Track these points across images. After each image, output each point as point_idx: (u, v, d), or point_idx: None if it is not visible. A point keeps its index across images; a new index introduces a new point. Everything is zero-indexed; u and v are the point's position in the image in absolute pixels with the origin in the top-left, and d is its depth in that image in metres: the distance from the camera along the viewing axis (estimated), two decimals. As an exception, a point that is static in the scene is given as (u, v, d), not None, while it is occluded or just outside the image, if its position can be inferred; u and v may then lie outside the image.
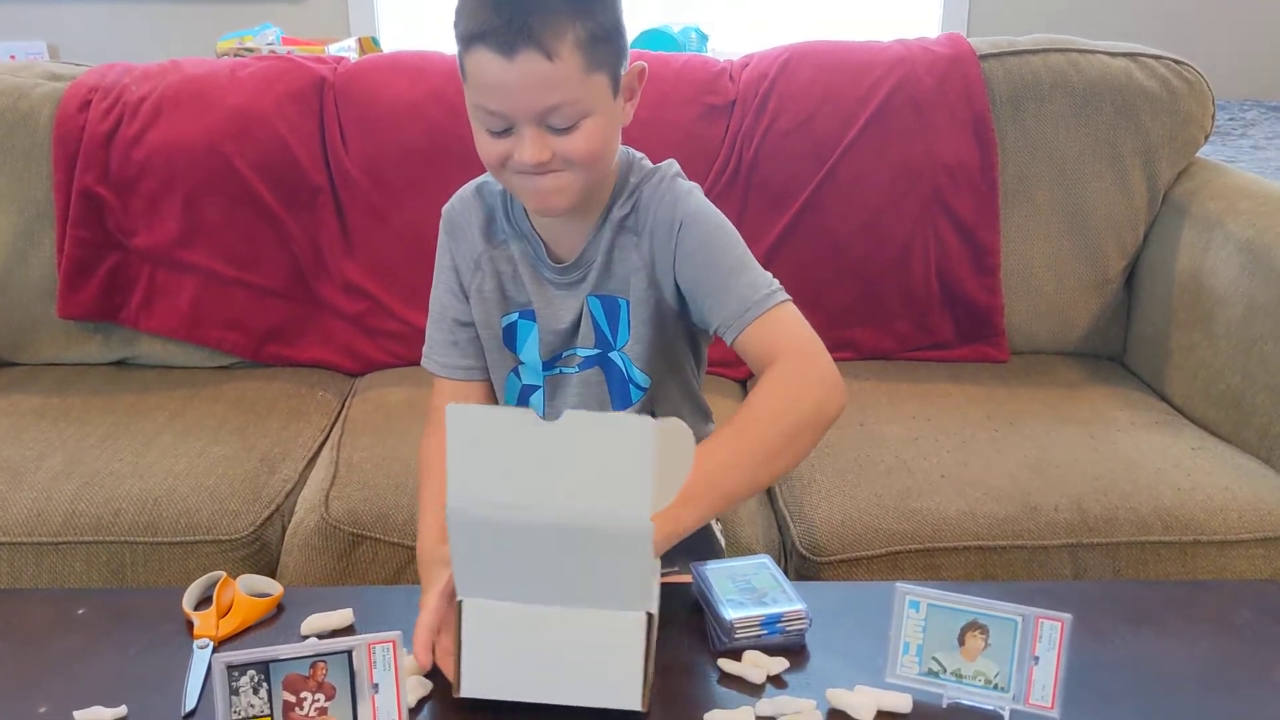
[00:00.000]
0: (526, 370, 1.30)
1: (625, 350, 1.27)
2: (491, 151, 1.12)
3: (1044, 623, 0.99)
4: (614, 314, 1.26)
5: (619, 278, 1.24)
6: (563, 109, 1.08)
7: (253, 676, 0.94)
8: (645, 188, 1.22)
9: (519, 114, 1.09)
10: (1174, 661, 1.11)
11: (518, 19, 1.04)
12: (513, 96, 1.08)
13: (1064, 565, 1.45)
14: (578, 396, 1.30)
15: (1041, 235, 1.94)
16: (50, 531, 1.46)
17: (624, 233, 1.22)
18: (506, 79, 1.06)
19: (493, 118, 1.10)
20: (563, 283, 1.26)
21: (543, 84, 1.07)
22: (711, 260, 1.19)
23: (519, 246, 1.26)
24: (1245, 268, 1.66)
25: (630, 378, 1.29)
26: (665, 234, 1.20)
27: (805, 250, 1.92)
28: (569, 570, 0.94)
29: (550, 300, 1.26)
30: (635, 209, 1.22)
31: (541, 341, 1.27)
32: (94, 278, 1.89)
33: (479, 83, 1.09)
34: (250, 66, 1.98)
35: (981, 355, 1.94)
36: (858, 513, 1.47)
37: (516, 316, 1.28)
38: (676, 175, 1.24)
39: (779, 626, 1.09)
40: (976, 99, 1.91)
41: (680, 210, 1.19)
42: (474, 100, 1.11)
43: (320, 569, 1.46)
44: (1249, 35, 4.07)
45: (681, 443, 0.96)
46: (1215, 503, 1.48)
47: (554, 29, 1.05)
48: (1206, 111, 1.94)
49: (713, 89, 1.96)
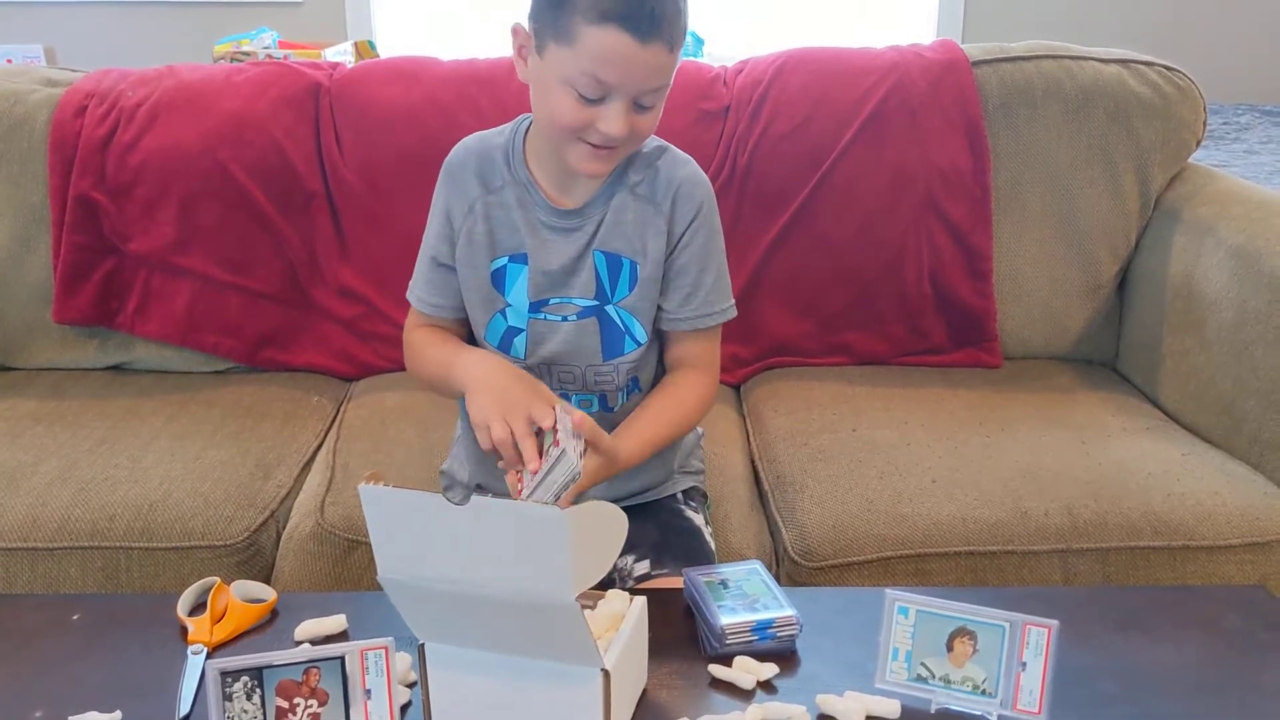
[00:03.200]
0: (513, 312, 1.35)
1: (622, 305, 1.34)
2: (576, 116, 1.20)
3: (1031, 629, 1.00)
4: (616, 270, 1.34)
5: (628, 238, 1.33)
6: (659, 91, 1.22)
7: (246, 682, 0.95)
8: (662, 163, 1.33)
9: (625, 89, 1.18)
10: (1162, 666, 1.12)
11: (657, 10, 1.15)
12: (630, 75, 1.17)
13: (1054, 570, 1.46)
14: (566, 342, 1.35)
15: (1034, 241, 1.95)
16: (45, 537, 1.47)
17: (639, 199, 1.32)
18: (634, 60, 1.16)
19: (596, 86, 1.18)
20: (560, 227, 1.33)
21: (659, 70, 1.19)
22: (706, 255, 1.35)
23: (516, 192, 1.33)
24: (1236, 273, 1.67)
25: (629, 330, 1.36)
26: (685, 211, 1.33)
27: (799, 255, 1.93)
28: (516, 629, 0.94)
29: (544, 242, 1.33)
30: (653, 179, 1.33)
31: (531, 282, 1.34)
32: (90, 283, 1.89)
33: (599, 54, 1.16)
34: (246, 72, 1.98)
35: (974, 360, 1.95)
36: (849, 518, 1.48)
37: (506, 260, 1.34)
38: (690, 160, 1.36)
39: (770, 632, 1.10)
40: (970, 105, 1.92)
41: (701, 194, 1.34)
42: (583, 67, 1.17)
43: (315, 574, 1.47)
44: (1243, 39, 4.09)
45: (611, 523, 0.96)
46: (1205, 508, 1.48)
47: (680, 25, 1.19)
48: (1198, 118, 1.95)
49: (707, 94, 1.96)
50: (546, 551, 0.87)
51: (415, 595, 0.94)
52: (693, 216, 1.33)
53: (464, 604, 0.92)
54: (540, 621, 0.91)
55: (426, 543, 0.90)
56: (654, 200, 1.32)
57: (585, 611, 1.02)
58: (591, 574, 0.94)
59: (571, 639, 0.92)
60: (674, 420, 1.34)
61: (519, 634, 0.94)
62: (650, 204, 1.32)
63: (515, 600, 0.90)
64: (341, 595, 1.23)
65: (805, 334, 1.96)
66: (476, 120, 1.90)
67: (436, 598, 0.93)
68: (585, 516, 0.90)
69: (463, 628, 0.96)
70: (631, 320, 1.35)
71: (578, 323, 1.34)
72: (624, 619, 1.03)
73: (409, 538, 0.91)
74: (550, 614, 0.90)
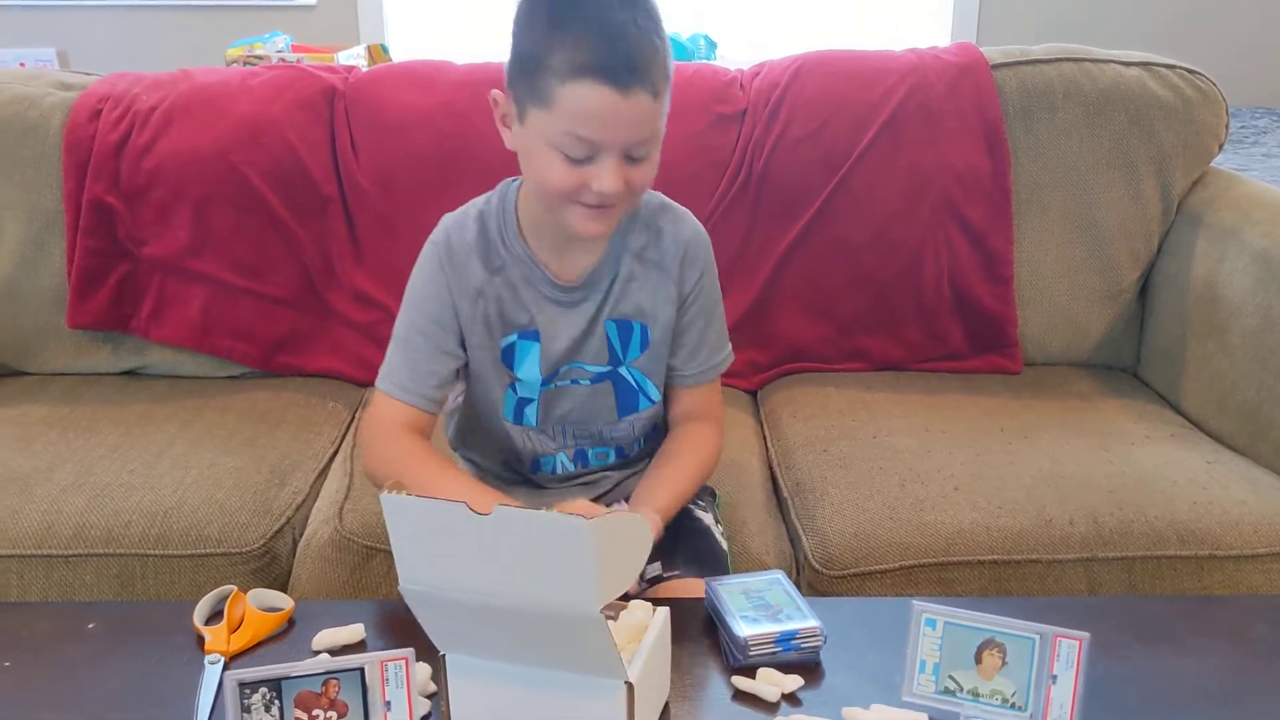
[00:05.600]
0: (523, 386, 1.33)
1: (635, 365, 1.33)
2: (566, 179, 1.15)
3: (1062, 641, 0.99)
4: (627, 334, 1.32)
5: (637, 304, 1.31)
6: (649, 142, 1.16)
7: (265, 694, 0.94)
8: (665, 223, 1.31)
9: (613, 145, 1.13)
10: (1190, 678, 1.10)
11: (634, 57, 1.10)
12: (615, 130, 1.12)
13: (1079, 580, 1.44)
14: (581, 405, 1.35)
15: (1054, 245, 1.93)
16: (60, 544, 1.46)
17: (645, 264, 1.30)
18: (616, 113, 1.11)
19: (581, 145, 1.13)
20: (566, 301, 1.30)
21: (645, 120, 1.14)
22: (709, 309, 1.36)
23: (519, 270, 1.29)
24: (1261, 279, 1.65)
25: (642, 389, 1.35)
26: (692, 273, 1.32)
27: (816, 259, 1.92)
28: (539, 640, 0.93)
29: (553, 319, 1.30)
30: (658, 241, 1.30)
31: (543, 359, 1.31)
32: (104, 287, 1.88)
33: (578, 112, 1.11)
34: (261, 75, 1.98)
35: (994, 366, 1.93)
36: (870, 525, 1.46)
37: (516, 337, 1.31)
38: (685, 210, 1.34)
39: (794, 643, 1.09)
40: (989, 108, 1.90)
41: (705, 252, 1.33)
42: (564, 128, 1.12)
43: (333, 581, 1.45)
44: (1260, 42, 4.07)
45: (636, 534, 0.94)
46: (1231, 517, 1.46)
47: (660, 68, 1.13)
48: (1220, 121, 1.93)
49: (724, 98, 1.95)
50: (572, 563, 0.85)
51: (437, 606, 0.93)
52: (699, 276, 1.32)
53: (487, 615, 0.91)
54: (564, 633, 0.90)
55: (450, 553, 0.89)
56: (662, 265, 1.30)
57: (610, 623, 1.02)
58: (617, 585, 0.92)
59: (596, 651, 0.90)
60: (697, 477, 1.35)
61: (542, 645, 0.93)
62: (659, 269, 1.30)
63: (539, 612, 0.88)
64: (359, 604, 1.22)
65: (823, 339, 1.95)
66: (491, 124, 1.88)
67: (459, 609, 0.92)
68: (611, 528, 0.88)
69: (485, 639, 0.95)
70: (644, 380, 1.35)
71: (592, 386, 1.33)
72: (647, 630, 1.01)
73: (432, 548, 0.90)
74: (575, 626, 0.88)
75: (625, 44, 1.10)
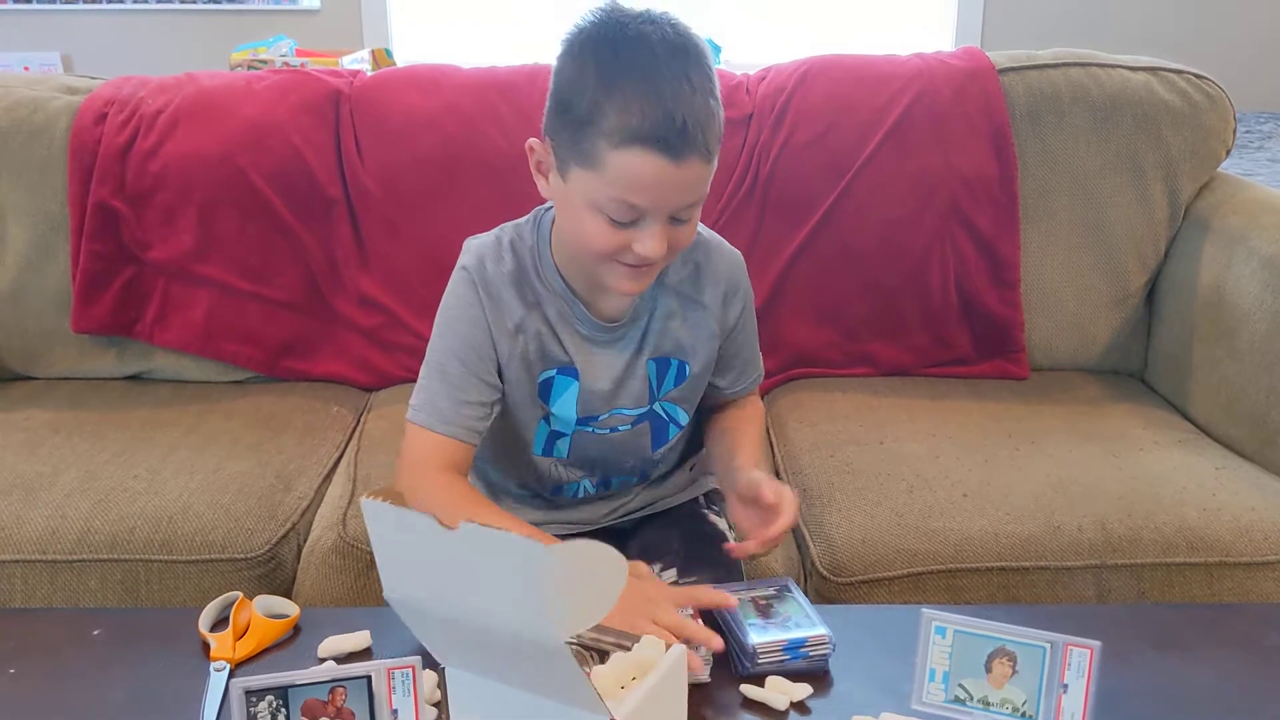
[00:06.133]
0: (556, 420, 1.30)
1: (668, 399, 1.31)
2: (610, 242, 1.11)
3: (1073, 650, 0.98)
4: (664, 370, 1.29)
5: (678, 341, 1.28)
6: (696, 204, 1.13)
7: (271, 702, 0.93)
8: (702, 258, 1.28)
9: (661, 210, 1.09)
10: (1201, 686, 1.09)
11: (689, 123, 1.04)
12: (666, 196, 1.08)
13: (1088, 586, 1.43)
14: (616, 450, 1.33)
15: (1062, 250, 1.93)
16: (65, 549, 1.45)
17: (685, 301, 1.28)
18: (668, 180, 1.07)
19: (628, 211, 1.09)
20: (605, 340, 1.26)
21: (698, 184, 1.10)
22: (746, 339, 1.35)
23: (556, 306, 1.24)
24: (1269, 284, 1.64)
25: (673, 419, 1.33)
26: (734, 307, 1.31)
27: (823, 264, 1.91)
28: (519, 665, 0.89)
29: (591, 358, 1.26)
30: (697, 277, 1.27)
31: (580, 400, 1.27)
32: (108, 291, 1.88)
33: (630, 179, 1.06)
34: (266, 79, 1.97)
35: (1001, 371, 1.93)
36: (878, 532, 1.45)
37: (555, 373, 1.27)
38: (721, 240, 1.31)
39: (802, 652, 1.08)
40: (996, 112, 1.90)
41: (743, 282, 1.32)
42: (612, 194, 1.08)
43: (337, 588, 1.45)
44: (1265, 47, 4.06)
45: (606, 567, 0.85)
46: (1241, 523, 1.46)
47: (714, 131, 1.09)
48: (1228, 126, 1.92)
49: (730, 102, 1.94)
50: (530, 587, 0.81)
51: (422, 618, 0.91)
52: (741, 309, 1.31)
53: (468, 632, 0.88)
54: (537, 661, 0.86)
55: (427, 565, 0.86)
56: (702, 301, 1.27)
57: (618, 654, 0.99)
58: (584, 617, 0.86)
59: (571, 683, 0.86)
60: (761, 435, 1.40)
61: (524, 670, 0.89)
62: (698, 306, 1.27)
63: (508, 634, 0.84)
64: (365, 610, 1.21)
65: (829, 344, 1.94)
66: (497, 128, 1.89)
67: (442, 623, 0.89)
68: (574, 555, 0.82)
69: (475, 655, 0.92)
70: (675, 409, 1.33)
71: (630, 430, 1.31)
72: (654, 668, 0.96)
73: (411, 558, 0.87)
74: (542, 654, 0.84)
75: (680, 109, 1.04)
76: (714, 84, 1.10)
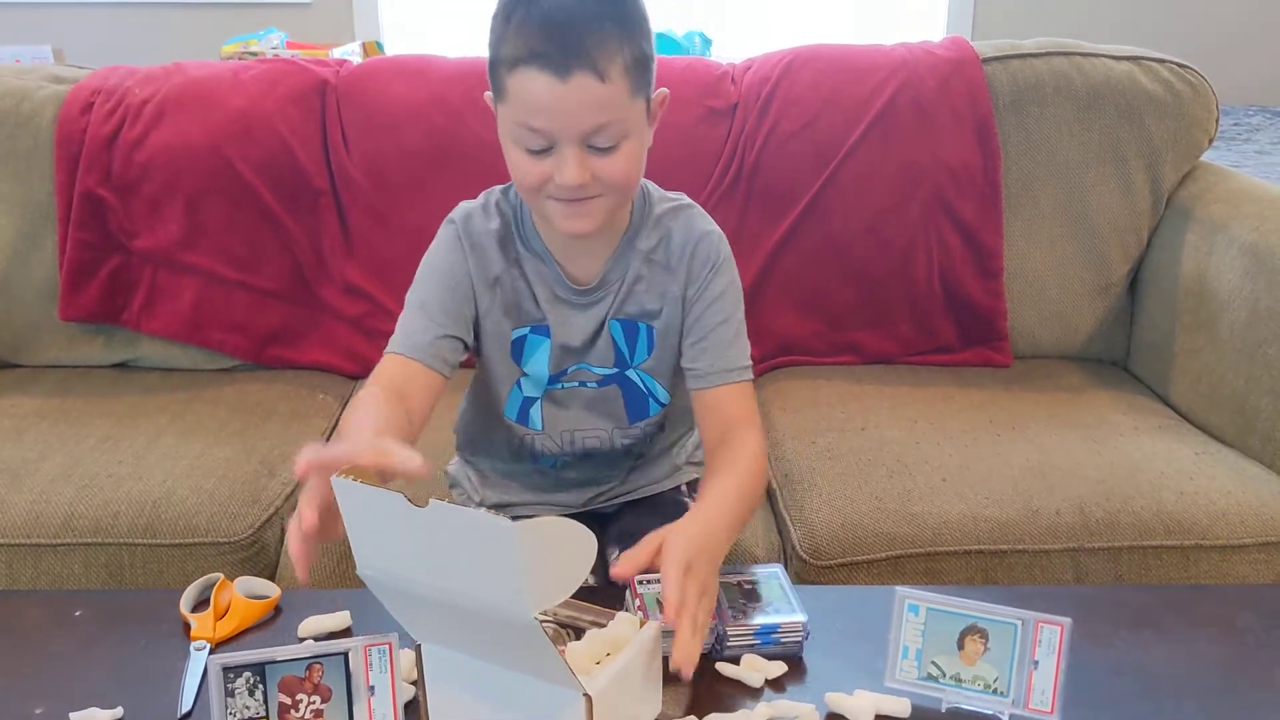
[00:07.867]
0: (528, 382, 1.31)
1: (643, 368, 1.31)
2: (531, 173, 1.13)
3: (1044, 627, 0.99)
4: (633, 336, 1.29)
5: (643, 304, 1.28)
6: (608, 129, 1.10)
7: (249, 678, 0.94)
8: (672, 222, 1.27)
9: (565, 133, 1.10)
10: (1175, 666, 1.10)
11: (573, 42, 1.06)
12: (562, 116, 1.09)
13: (1065, 570, 1.44)
14: (589, 409, 1.33)
15: (1044, 239, 1.94)
16: (49, 533, 1.46)
17: (653, 265, 1.27)
18: (558, 99, 1.07)
19: (535, 136, 1.10)
20: (580, 303, 1.28)
21: (594, 104, 1.09)
22: (724, 312, 1.27)
23: (534, 265, 1.26)
24: (1249, 272, 1.65)
25: (651, 393, 1.33)
26: (700, 270, 1.26)
27: (807, 253, 1.92)
28: (492, 640, 0.90)
29: (565, 318, 1.28)
30: (665, 242, 1.27)
31: (552, 357, 1.29)
32: (95, 280, 1.89)
33: (525, 102, 1.09)
34: (252, 69, 1.98)
35: (984, 359, 1.94)
36: (858, 516, 1.46)
37: (527, 331, 1.28)
38: (701, 211, 1.30)
39: (774, 638, 1.09)
40: (979, 102, 1.91)
41: (716, 252, 1.27)
42: (516, 119, 1.11)
43: (318, 571, 1.45)
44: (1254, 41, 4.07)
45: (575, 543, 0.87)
46: (1218, 507, 1.47)
47: (607, 52, 1.08)
48: (1210, 115, 1.93)
49: (715, 92, 1.95)
50: (500, 564, 0.81)
51: (394, 595, 0.91)
52: (707, 271, 1.26)
53: (440, 609, 0.89)
54: (509, 636, 0.87)
55: (397, 543, 0.86)
56: (668, 265, 1.27)
57: (593, 630, 1.00)
58: (552, 593, 0.87)
59: (543, 658, 0.87)
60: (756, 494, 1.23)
61: (497, 646, 0.91)
62: (665, 269, 1.27)
63: (479, 611, 0.85)
64: (345, 592, 1.21)
65: (813, 333, 1.95)
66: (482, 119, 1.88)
67: (414, 600, 0.90)
68: (544, 532, 0.84)
69: (450, 632, 0.93)
70: (653, 383, 1.33)
71: (599, 390, 1.31)
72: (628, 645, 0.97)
73: (382, 536, 0.88)
74: (514, 630, 0.85)
75: (567, 28, 1.06)
76: (621, 8, 1.11)
